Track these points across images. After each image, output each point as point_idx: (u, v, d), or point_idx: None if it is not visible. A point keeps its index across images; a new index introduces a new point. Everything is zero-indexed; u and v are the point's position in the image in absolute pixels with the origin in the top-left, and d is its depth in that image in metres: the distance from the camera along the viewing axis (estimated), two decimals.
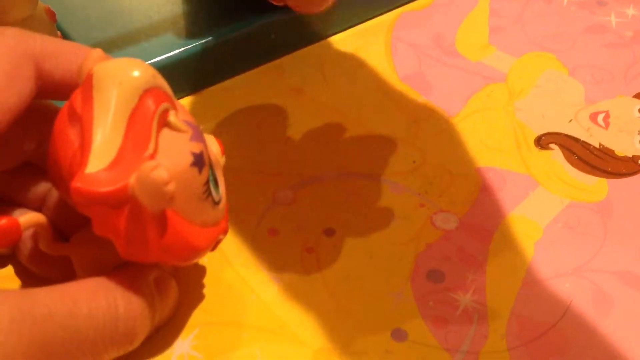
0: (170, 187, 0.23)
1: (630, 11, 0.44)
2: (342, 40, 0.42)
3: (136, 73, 0.24)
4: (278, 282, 0.30)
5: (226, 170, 0.34)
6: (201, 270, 0.30)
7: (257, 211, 0.32)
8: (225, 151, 0.34)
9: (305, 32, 0.42)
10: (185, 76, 0.38)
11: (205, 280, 0.29)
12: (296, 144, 0.36)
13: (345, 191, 0.33)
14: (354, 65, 0.40)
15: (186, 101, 0.38)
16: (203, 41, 0.38)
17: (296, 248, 0.31)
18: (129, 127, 0.24)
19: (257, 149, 0.35)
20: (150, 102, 0.24)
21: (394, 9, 0.44)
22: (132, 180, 0.23)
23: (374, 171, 0.34)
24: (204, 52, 0.38)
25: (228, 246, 0.31)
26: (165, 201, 0.24)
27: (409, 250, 0.31)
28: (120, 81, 0.24)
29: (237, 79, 0.39)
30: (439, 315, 0.29)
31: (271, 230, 0.32)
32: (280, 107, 0.38)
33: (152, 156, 0.24)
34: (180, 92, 0.38)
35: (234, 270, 0.30)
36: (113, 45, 0.38)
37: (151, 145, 0.24)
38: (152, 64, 0.37)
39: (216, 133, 0.36)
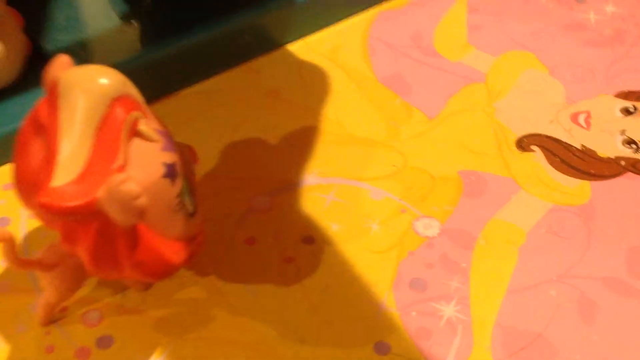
0: (141, 201, 0.22)
1: (610, 8, 0.43)
2: (319, 41, 0.41)
3: (104, 81, 0.23)
4: (255, 295, 0.29)
5: (201, 177, 0.33)
6: (175, 283, 0.29)
7: (233, 219, 0.31)
8: (200, 157, 0.33)
9: (281, 33, 0.41)
10: (156, 79, 0.37)
11: (179, 294, 0.28)
12: (273, 148, 0.35)
13: (324, 197, 0.32)
14: (331, 67, 0.39)
15: (158, 105, 0.36)
16: (174, 42, 0.37)
17: (274, 258, 0.30)
18: (97, 138, 0.23)
19: (233, 154, 0.34)
20: (119, 111, 0.23)
21: (371, 7, 0.43)
22: (100, 193, 0.22)
23: (354, 176, 0.33)
24: (176, 54, 0.37)
25: (203, 256, 0.30)
26: (136, 215, 0.22)
27: (391, 259, 0.30)
28: (88, 89, 0.23)
29: (211, 81, 0.38)
30: (422, 327, 0.28)
31: (248, 239, 0.31)
32: (257, 111, 0.36)
33: (121, 168, 0.23)
34: (151, 96, 0.36)
35: (209, 283, 0.29)
36: (80, 48, 0.37)
37: (121, 157, 0.23)
38: (121, 67, 0.36)
39: (190, 139, 0.34)
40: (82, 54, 0.36)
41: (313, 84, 0.38)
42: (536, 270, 0.30)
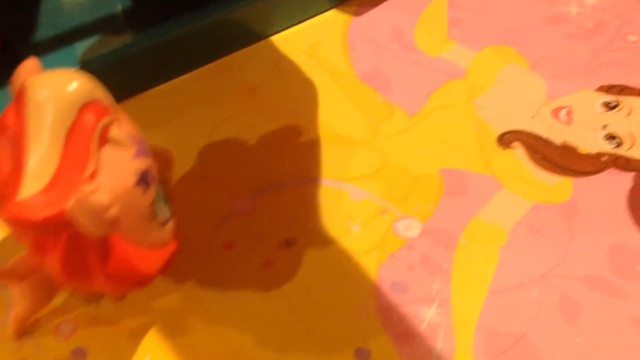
0: (112, 212, 0.22)
1: (590, 0, 0.43)
2: (297, 35, 0.40)
3: (73, 86, 0.23)
4: (234, 301, 0.28)
5: (178, 179, 0.32)
6: (150, 291, 0.28)
7: (211, 223, 0.31)
8: (177, 159, 0.32)
9: (257, 26, 0.40)
10: (128, 76, 0.36)
11: (155, 302, 0.28)
12: (252, 148, 0.34)
13: (305, 198, 0.32)
14: (310, 63, 0.38)
15: (130, 104, 0.36)
16: (147, 38, 0.36)
17: (254, 262, 0.29)
18: (66, 146, 0.22)
19: (211, 155, 0.34)
20: (89, 117, 0.23)
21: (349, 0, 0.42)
22: (70, 204, 0.22)
23: (334, 176, 0.33)
24: (149, 50, 0.36)
25: (180, 263, 0.29)
26: (107, 226, 0.22)
27: (372, 261, 0.30)
28: (57, 95, 0.22)
29: (186, 78, 0.37)
30: (403, 331, 0.27)
31: (227, 243, 0.30)
32: (235, 109, 0.36)
33: (91, 177, 0.22)
34: (123, 94, 0.36)
35: (186, 290, 0.28)
36: (53, 45, 0.36)
37: (91, 165, 0.22)
38: (93, 64, 0.35)
39: (166, 139, 0.34)
40: (53, 49, 0.35)
41: (292, 81, 0.38)
42: (518, 270, 0.29)
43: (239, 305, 0.28)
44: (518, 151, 0.34)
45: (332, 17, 0.41)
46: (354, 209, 0.32)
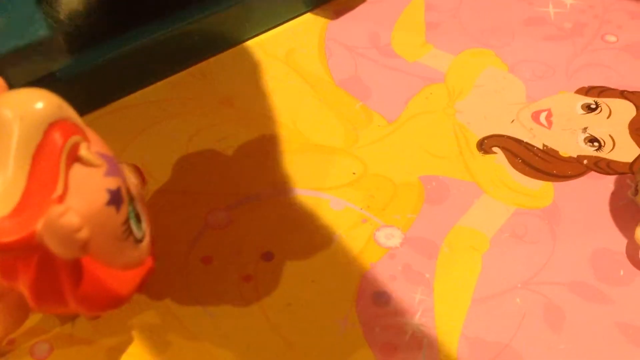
0: (83, 234, 0.21)
1: (569, 0, 0.43)
2: (272, 41, 0.39)
3: (39, 105, 0.22)
4: (213, 317, 0.28)
5: (152, 194, 0.31)
6: (127, 309, 0.27)
7: (188, 237, 0.30)
8: (151, 172, 0.32)
9: (231, 32, 0.39)
10: (96, 88, 0.35)
11: (132, 320, 0.27)
12: (228, 159, 0.34)
13: (283, 209, 0.31)
14: (286, 70, 0.38)
15: (99, 117, 0.35)
16: (114, 46, 0.35)
17: (233, 276, 0.29)
18: (33, 166, 0.22)
19: (186, 167, 0.33)
20: (57, 137, 0.22)
21: (326, 3, 0.42)
22: (39, 227, 0.21)
23: (313, 185, 0.32)
24: (116, 59, 0.35)
25: (156, 279, 0.28)
26: (78, 249, 0.21)
27: (353, 272, 0.29)
28: (22, 115, 0.22)
29: (158, 87, 0.36)
30: (386, 342, 0.27)
31: (205, 257, 0.30)
32: (210, 120, 0.35)
33: (61, 198, 0.22)
34: (90, 106, 0.35)
35: (164, 307, 0.28)
36: (11, 59, 0.35)
37: (60, 186, 0.22)
38: (57, 76, 0.34)
39: (138, 153, 0.33)
40: (13, 64, 0.34)
41: (268, 89, 0.37)
42: (501, 277, 0.29)
43: (219, 320, 0.27)
44: (499, 156, 0.34)
45: (308, 22, 0.41)
46: (334, 218, 0.31)
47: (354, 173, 0.33)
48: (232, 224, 0.31)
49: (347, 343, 0.27)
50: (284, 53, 0.39)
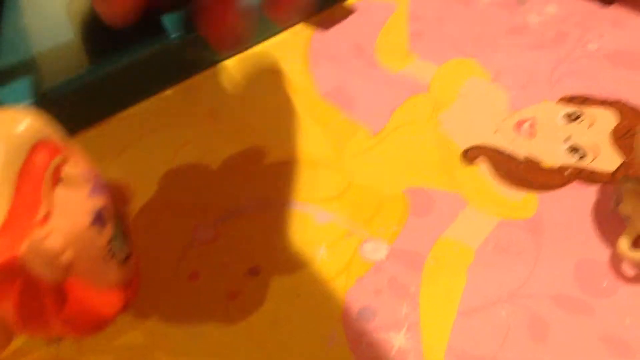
0: (66, 256, 0.21)
1: (551, 9, 0.43)
2: (257, 55, 0.40)
3: (23, 125, 0.22)
4: (200, 335, 0.28)
5: (138, 209, 0.31)
6: (113, 329, 0.27)
7: (174, 253, 0.30)
8: (136, 188, 0.31)
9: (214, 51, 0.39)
10: (85, 105, 0.35)
11: (118, 340, 0.27)
12: (215, 174, 0.34)
13: (269, 223, 0.31)
14: (271, 83, 0.38)
15: (87, 134, 0.35)
16: (103, 64, 0.35)
17: (219, 293, 0.29)
18: (17, 188, 0.22)
19: (172, 182, 0.33)
20: (40, 158, 0.22)
21: (310, 17, 0.42)
22: (22, 249, 0.21)
23: (299, 198, 0.32)
24: (105, 77, 0.35)
25: (142, 298, 0.28)
26: (62, 271, 0.21)
27: (339, 287, 0.29)
28: (5, 136, 0.22)
29: (144, 104, 0.37)
30: (373, 357, 0.27)
31: (191, 274, 0.30)
32: (195, 133, 0.35)
33: (44, 220, 0.22)
34: (79, 123, 0.35)
35: (150, 326, 0.28)
36: (10, 73, 0.35)
37: (43, 208, 0.22)
38: (49, 92, 0.34)
39: (124, 168, 0.33)
40: (11, 77, 0.34)
41: (253, 102, 0.37)
42: (486, 290, 0.29)
43: (205, 338, 0.27)
44: (482, 167, 0.34)
45: (292, 35, 0.41)
46: (320, 232, 0.31)
47: (339, 186, 0.33)
48: (218, 239, 0.31)
49: (334, 359, 0.27)
50: (269, 65, 0.39)
